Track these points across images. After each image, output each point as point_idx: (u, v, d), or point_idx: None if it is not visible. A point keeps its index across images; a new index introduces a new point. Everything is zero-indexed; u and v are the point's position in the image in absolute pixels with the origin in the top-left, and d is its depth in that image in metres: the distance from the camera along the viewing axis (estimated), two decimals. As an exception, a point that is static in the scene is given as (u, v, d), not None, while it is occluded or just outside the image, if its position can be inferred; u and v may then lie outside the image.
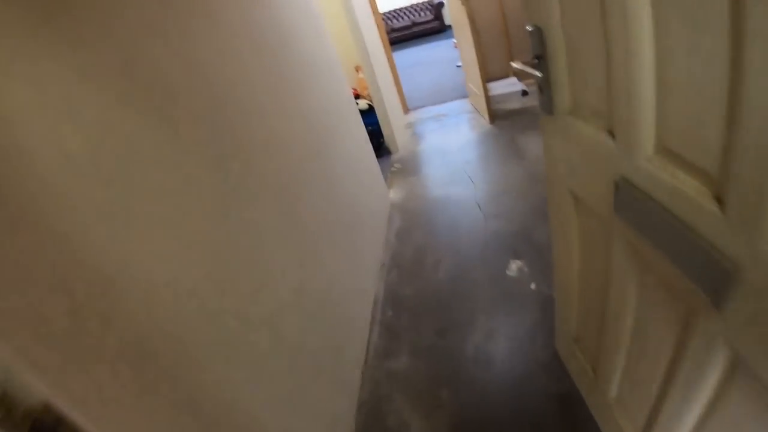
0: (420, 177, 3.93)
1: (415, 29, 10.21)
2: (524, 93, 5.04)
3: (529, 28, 1.03)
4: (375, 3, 4.90)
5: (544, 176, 3.70)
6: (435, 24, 10.17)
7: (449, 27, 10.36)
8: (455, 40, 8.40)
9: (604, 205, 0.97)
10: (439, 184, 3.73)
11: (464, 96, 5.55)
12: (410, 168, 4.14)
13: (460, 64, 7.10)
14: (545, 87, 1.06)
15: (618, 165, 0.86)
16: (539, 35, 1.00)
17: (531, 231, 2.86)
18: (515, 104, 4.90)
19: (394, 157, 4.43)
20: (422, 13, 10.24)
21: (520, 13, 4.98)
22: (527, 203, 3.16)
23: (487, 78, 4.80)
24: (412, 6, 10.32)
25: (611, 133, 0.87)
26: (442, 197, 3.53)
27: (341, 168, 2.57)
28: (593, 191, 1.02)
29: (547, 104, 1.08)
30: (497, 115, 4.62)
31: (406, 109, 5.61)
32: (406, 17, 10.33)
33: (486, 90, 4.34)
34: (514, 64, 1.03)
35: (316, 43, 2.57)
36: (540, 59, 1.04)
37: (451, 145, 4.36)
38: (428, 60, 8.25)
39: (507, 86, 5.11)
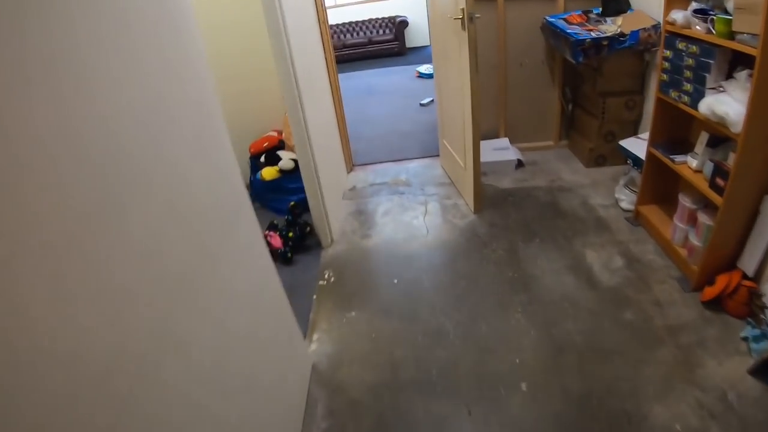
0: (365, 309, 2.47)
1: (371, 48, 8.88)
2: (519, 164, 3.73)
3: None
4: (323, 10, 3.48)
5: (573, 345, 2.03)
6: (395, 45, 8.89)
7: (411, 50, 9.12)
8: (422, 70, 7.12)
9: None
10: (398, 336, 2.28)
11: (432, 154, 4.17)
12: (349, 285, 2.68)
13: (425, 101, 5.81)
14: None
15: None
16: None
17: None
18: (507, 181, 3.57)
19: (326, 255, 2.95)
20: (381, 31, 8.94)
21: (528, 52, 3.70)
22: (557, 411, 1.79)
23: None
24: (370, 21, 9.00)
25: None
26: (402, 369, 2.08)
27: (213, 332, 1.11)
28: None
29: None
30: (483, 197, 3.25)
31: (351, 166, 4.16)
32: (362, 33, 8.99)
33: (477, 162, 2.97)
34: None
35: (189, 99, 1.14)
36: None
37: (414, 247, 2.94)
38: (384, 88, 6.90)
39: (496, 152, 3.79)
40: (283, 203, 3.32)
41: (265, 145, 3.54)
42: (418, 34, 9.16)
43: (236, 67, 3.54)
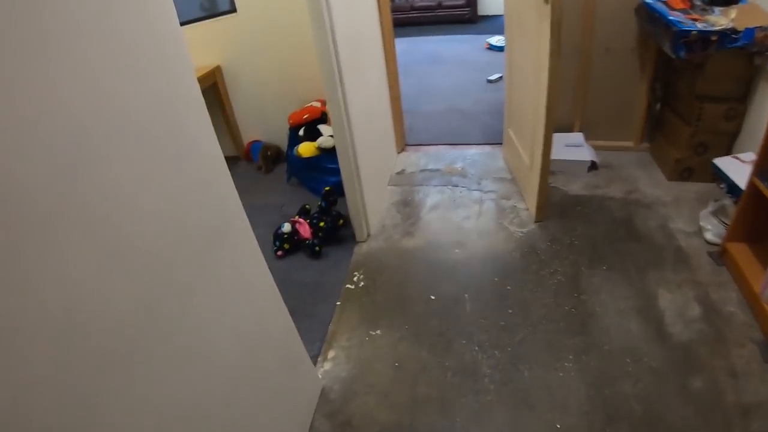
0: (393, 328, 2.18)
1: (441, 12, 8.30)
2: (593, 166, 3.29)
3: None
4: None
5: (628, 413, 1.92)
6: (465, 11, 8.27)
7: (483, 18, 8.48)
8: (493, 42, 6.55)
9: None
10: (425, 369, 1.98)
11: (495, 141, 3.77)
12: (379, 293, 2.39)
13: (493, 78, 5.33)
14: None
15: None
16: None
17: None
18: (577, 185, 3.15)
19: (360, 252, 2.66)
20: (453, -6, 8.34)
21: (617, 36, 3.19)
22: None
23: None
24: (442, -18, 8.41)
25: None
26: (424, 412, 1.80)
27: None
28: None
29: None
30: (548, 203, 2.84)
31: (402, 146, 3.81)
32: (433, -6, 8.42)
33: (546, 163, 2.57)
34: None
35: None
36: None
37: (460, 256, 2.60)
38: (449, 58, 6.40)
39: (567, 149, 3.35)
40: (320, 183, 3.03)
41: (305, 116, 3.21)
42: (491, 1, 8.51)
43: (279, 27, 3.22)
